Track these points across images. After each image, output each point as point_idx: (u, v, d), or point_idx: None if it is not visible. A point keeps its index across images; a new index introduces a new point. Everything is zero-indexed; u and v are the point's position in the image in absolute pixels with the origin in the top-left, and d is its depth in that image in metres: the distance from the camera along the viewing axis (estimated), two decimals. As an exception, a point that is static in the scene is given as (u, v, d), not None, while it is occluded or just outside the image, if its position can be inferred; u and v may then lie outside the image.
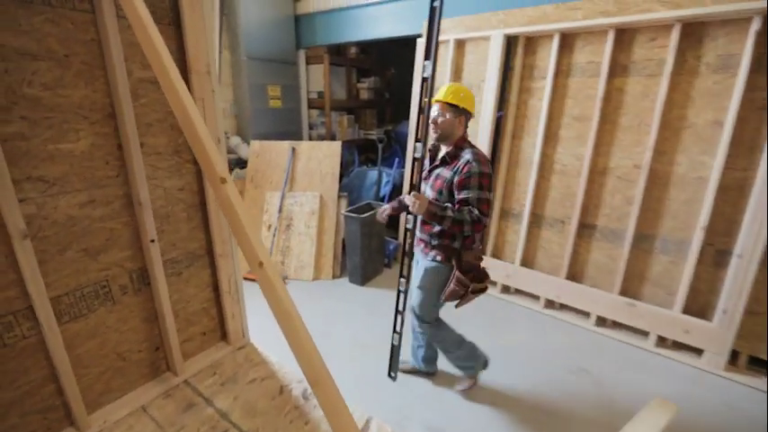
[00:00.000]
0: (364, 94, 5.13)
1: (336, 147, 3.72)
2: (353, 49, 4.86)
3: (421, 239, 1.92)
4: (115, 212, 1.41)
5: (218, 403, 1.58)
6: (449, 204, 1.73)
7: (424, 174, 1.88)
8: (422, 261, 1.93)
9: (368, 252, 3.34)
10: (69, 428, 1.39)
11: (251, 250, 1.06)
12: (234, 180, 3.71)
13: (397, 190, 3.88)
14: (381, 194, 3.76)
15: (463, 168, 1.70)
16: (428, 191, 1.84)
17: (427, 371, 2.29)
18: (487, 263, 3.08)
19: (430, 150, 1.91)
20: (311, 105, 4.88)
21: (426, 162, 1.89)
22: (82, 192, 1.32)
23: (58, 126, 1.23)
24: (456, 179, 1.71)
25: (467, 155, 1.72)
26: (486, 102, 3.05)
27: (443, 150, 1.84)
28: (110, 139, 1.35)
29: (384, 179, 3.80)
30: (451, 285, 1.78)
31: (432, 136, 1.78)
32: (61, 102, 1.22)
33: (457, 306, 1.89)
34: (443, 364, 2.29)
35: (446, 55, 3.20)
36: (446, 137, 1.78)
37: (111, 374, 1.52)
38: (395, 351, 2.16)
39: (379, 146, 3.86)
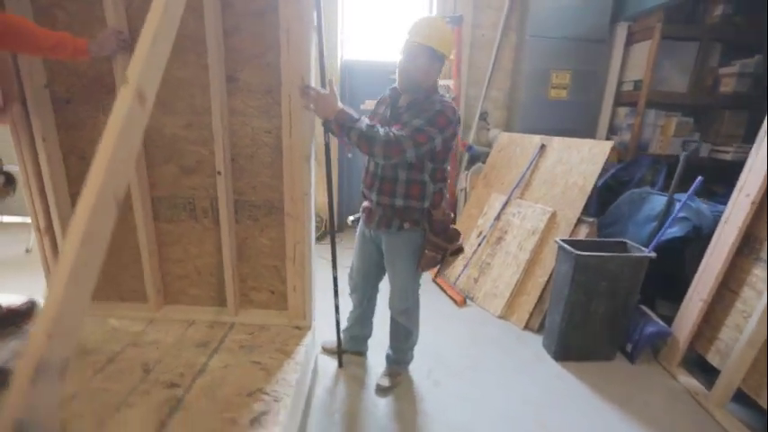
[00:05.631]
0: (729, 85, 3.09)
1: (603, 148, 2.49)
2: (720, 9, 2.97)
3: (377, 206, 1.59)
4: (205, 140, 1.53)
5: (213, 359, 1.47)
6: (363, 117, 1.41)
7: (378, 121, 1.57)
8: (384, 237, 1.64)
9: (580, 315, 2.06)
10: (146, 304, 1.71)
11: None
12: (469, 175, 3.34)
13: (703, 238, 2.11)
14: (663, 237, 2.16)
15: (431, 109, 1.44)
16: None
17: (361, 350, 2.08)
18: None
19: (389, 97, 1.59)
20: (620, 100, 3.53)
21: (383, 109, 1.61)
22: (183, 115, 1.51)
23: (172, 55, 1.43)
24: None
25: (438, 105, 1.44)
26: None
27: (406, 100, 1.53)
28: (208, 70, 1.45)
29: (675, 213, 2.15)
30: (426, 252, 1.56)
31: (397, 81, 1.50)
32: (178, 33, 1.41)
33: (436, 275, 1.70)
34: None
35: None
36: (415, 86, 1.47)
37: (189, 282, 1.73)
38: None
39: (683, 155, 2.14)
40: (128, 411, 1.23)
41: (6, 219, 3.62)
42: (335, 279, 1.76)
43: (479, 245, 2.87)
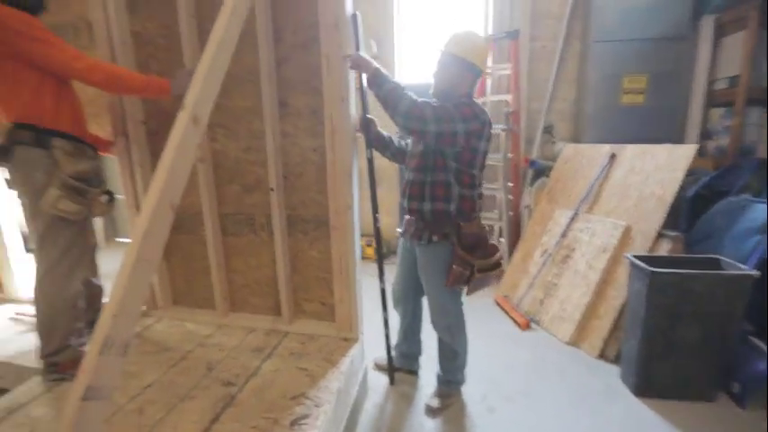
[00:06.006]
0: None
1: (684, 152, 2.21)
2: None
3: (410, 214, 1.64)
4: (262, 161, 1.70)
5: (266, 363, 1.57)
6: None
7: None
8: (417, 250, 1.65)
9: (662, 342, 1.78)
10: (216, 311, 1.90)
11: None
12: (533, 191, 3.18)
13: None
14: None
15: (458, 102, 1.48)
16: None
17: (413, 368, 2.03)
18: None
19: None
20: (713, 101, 3.09)
21: None
22: (244, 140, 1.71)
23: (234, 87, 1.65)
24: None
25: (466, 100, 1.50)
26: None
27: None
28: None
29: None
30: (453, 267, 1.53)
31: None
32: (236, 68, 1.63)
33: (468, 293, 1.63)
34: None
35: None
36: (444, 94, 1.52)
37: (250, 292, 1.89)
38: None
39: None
40: (190, 403, 1.38)
41: (124, 240, 4.33)
42: (383, 291, 1.78)
43: (544, 264, 2.67)
